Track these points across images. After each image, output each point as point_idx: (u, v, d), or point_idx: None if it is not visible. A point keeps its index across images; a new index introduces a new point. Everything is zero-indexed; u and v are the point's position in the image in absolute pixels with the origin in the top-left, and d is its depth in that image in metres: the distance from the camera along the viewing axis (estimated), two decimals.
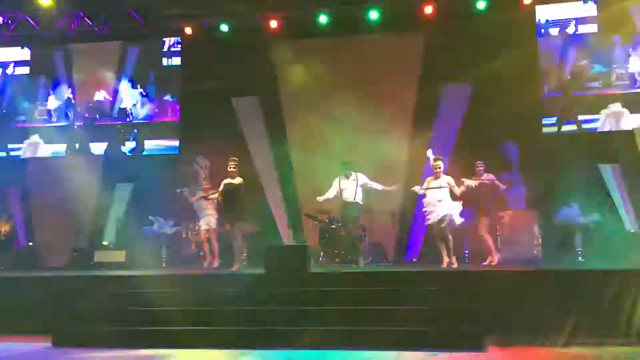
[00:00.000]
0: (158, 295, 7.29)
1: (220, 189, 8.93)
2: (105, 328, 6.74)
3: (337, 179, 9.27)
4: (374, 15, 11.81)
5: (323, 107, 11.88)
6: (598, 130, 11.13)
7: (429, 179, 8.57)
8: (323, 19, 12.00)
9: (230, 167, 8.84)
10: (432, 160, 8.58)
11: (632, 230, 10.45)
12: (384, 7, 11.85)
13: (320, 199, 9.40)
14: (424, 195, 8.62)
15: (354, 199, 9.14)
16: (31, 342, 6.83)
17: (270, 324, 6.49)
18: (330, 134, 11.69)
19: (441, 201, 8.35)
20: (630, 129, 10.87)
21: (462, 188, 8.52)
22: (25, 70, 13.69)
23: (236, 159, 8.99)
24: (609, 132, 11.06)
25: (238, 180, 8.79)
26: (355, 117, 11.66)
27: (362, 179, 9.17)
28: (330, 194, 9.27)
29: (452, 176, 8.64)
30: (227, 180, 8.86)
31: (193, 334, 6.47)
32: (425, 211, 8.59)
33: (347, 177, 9.16)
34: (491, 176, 9.18)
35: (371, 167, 11.03)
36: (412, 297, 6.71)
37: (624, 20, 11.17)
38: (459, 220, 8.37)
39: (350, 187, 9.12)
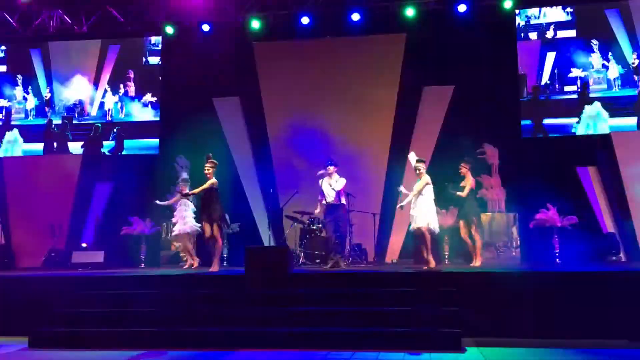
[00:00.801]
0: (137, 296, 7.23)
1: (197, 191, 8.89)
2: (82, 329, 6.66)
3: (320, 182, 9.17)
4: (355, 17, 11.85)
5: (304, 108, 11.91)
6: (576, 134, 11.28)
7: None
8: (305, 20, 12.01)
9: (205, 170, 8.81)
10: (413, 163, 8.54)
11: (608, 232, 10.61)
12: (366, 9, 11.90)
13: (317, 211, 9.30)
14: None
15: (340, 201, 9.11)
16: (6, 343, 6.73)
17: (251, 325, 6.47)
18: (311, 135, 11.72)
19: (423, 207, 8.30)
20: (607, 132, 11.04)
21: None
22: (3, 68, 13.51)
23: (214, 161, 8.91)
24: (587, 135, 11.21)
25: (212, 180, 8.76)
26: (336, 118, 11.73)
27: (341, 182, 9.08)
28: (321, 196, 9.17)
29: (432, 178, 8.62)
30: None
31: (174, 334, 6.43)
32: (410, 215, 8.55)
33: (329, 178, 9.09)
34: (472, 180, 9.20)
35: (351, 168, 11.10)
36: (391, 298, 6.74)
37: (602, 26, 11.35)
38: (437, 226, 8.37)
39: (331, 190, 9.07)
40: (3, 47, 13.52)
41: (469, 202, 8.84)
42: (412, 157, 8.63)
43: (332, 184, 9.00)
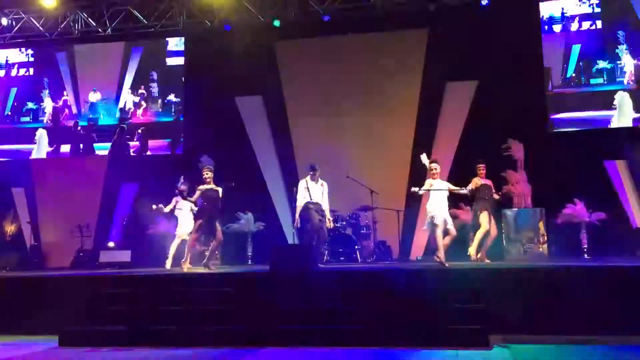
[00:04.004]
0: (163, 295, 7.30)
1: (197, 195, 8.90)
2: (111, 328, 6.75)
3: (304, 181, 8.93)
4: (377, 13, 11.80)
5: (326, 106, 11.92)
6: (604, 126, 11.08)
7: (430, 181, 8.46)
8: (326, 17, 12.00)
9: (206, 175, 8.81)
10: (427, 164, 8.44)
11: (638, 227, 10.42)
12: (387, 5, 11.84)
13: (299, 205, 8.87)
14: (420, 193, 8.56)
15: (321, 202, 8.85)
16: (37, 342, 6.84)
17: (276, 322, 6.49)
18: (334, 133, 11.72)
19: (437, 208, 8.20)
20: (636, 125, 10.82)
21: (470, 187, 8.67)
22: (29, 71, 13.75)
23: (212, 168, 8.84)
24: (614, 128, 11.01)
25: (218, 187, 8.80)
26: (358, 115, 11.71)
27: (326, 187, 8.92)
28: (302, 199, 8.82)
29: (455, 174, 8.60)
30: (207, 187, 8.80)
31: (199, 332, 6.48)
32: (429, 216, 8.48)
33: (316, 181, 8.86)
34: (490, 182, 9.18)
35: (375, 166, 11.08)
36: (416, 295, 6.70)
37: (628, 16, 11.13)
38: (451, 226, 8.28)
39: (317, 192, 8.86)
40: (30, 51, 13.76)
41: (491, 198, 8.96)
42: (425, 158, 8.54)
43: (321, 189, 8.86)
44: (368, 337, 6.10)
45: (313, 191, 8.85)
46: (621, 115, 10.99)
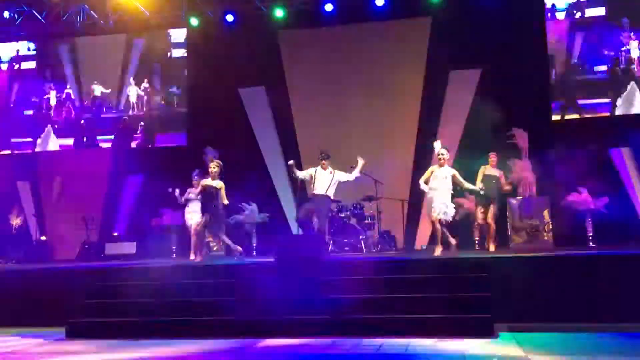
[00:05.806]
0: (168, 286, 7.32)
1: (199, 189, 8.89)
2: (117, 319, 6.78)
3: (312, 169, 8.94)
4: (379, 2, 11.74)
5: (330, 95, 11.88)
6: (609, 114, 11.03)
7: (432, 167, 8.45)
8: (328, 7, 11.95)
9: (210, 169, 8.77)
10: (438, 149, 8.45)
11: None
12: None
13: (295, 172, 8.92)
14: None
15: (325, 192, 8.84)
16: (44, 333, 6.88)
17: (282, 312, 6.50)
18: (337, 123, 11.69)
19: (441, 196, 8.22)
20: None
21: (479, 183, 8.72)
22: (32, 64, 13.75)
23: (219, 162, 8.79)
24: (619, 116, 10.96)
25: (217, 183, 8.63)
26: (362, 104, 11.67)
27: (338, 175, 8.90)
28: (301, 175, 8.93)
29: (460, 163, 8.57)
30: (207, 181, 8.75)
31: (205, 323, 6.50)
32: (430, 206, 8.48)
33: (324, 169, 8.87)
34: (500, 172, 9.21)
35: (378, 155, 11.04)
36: (422, 285, 6.70)
37: (633, 3, 11.04)
38: (452, 212, 8.31)
39: (324, 181, 8.82)
40: (33, 45, 13.74)
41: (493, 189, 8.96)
42: (438, 144, 8.54)
43: (339, 175, 8.85)
44: (372, 327, 6.12)
45: (320, 180, 8.84)
46: (626, 103, 10.93)
